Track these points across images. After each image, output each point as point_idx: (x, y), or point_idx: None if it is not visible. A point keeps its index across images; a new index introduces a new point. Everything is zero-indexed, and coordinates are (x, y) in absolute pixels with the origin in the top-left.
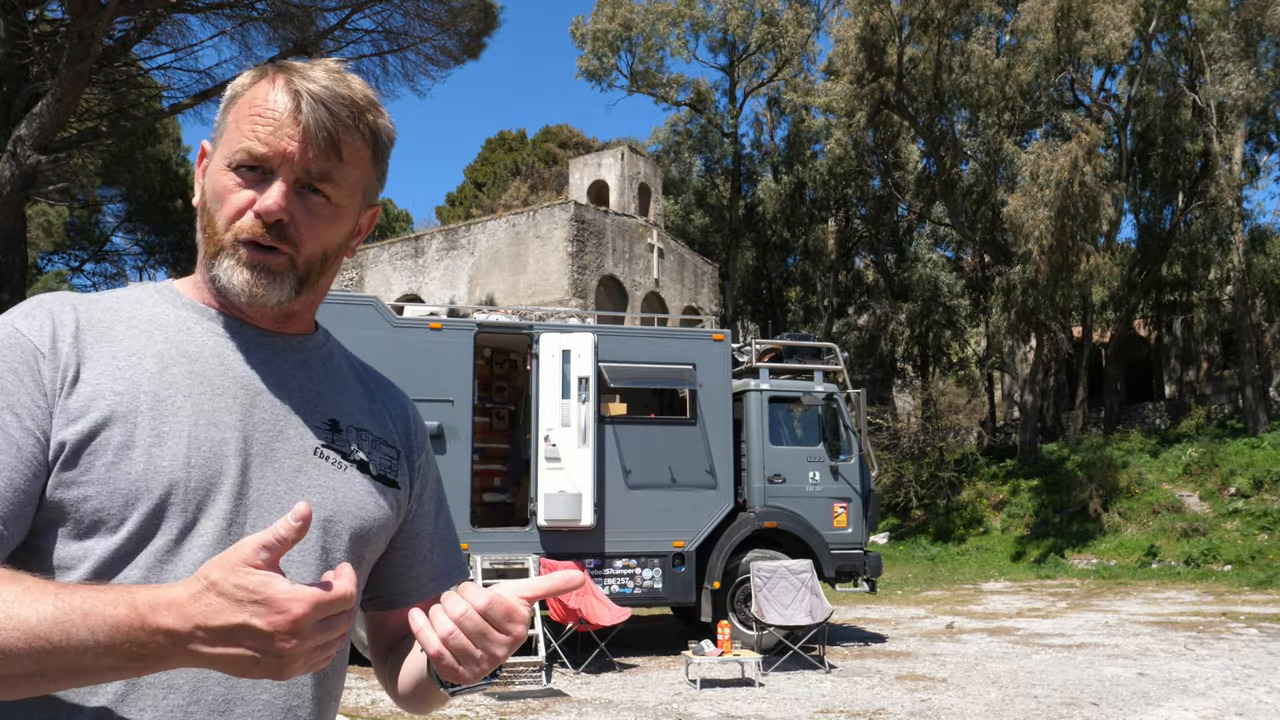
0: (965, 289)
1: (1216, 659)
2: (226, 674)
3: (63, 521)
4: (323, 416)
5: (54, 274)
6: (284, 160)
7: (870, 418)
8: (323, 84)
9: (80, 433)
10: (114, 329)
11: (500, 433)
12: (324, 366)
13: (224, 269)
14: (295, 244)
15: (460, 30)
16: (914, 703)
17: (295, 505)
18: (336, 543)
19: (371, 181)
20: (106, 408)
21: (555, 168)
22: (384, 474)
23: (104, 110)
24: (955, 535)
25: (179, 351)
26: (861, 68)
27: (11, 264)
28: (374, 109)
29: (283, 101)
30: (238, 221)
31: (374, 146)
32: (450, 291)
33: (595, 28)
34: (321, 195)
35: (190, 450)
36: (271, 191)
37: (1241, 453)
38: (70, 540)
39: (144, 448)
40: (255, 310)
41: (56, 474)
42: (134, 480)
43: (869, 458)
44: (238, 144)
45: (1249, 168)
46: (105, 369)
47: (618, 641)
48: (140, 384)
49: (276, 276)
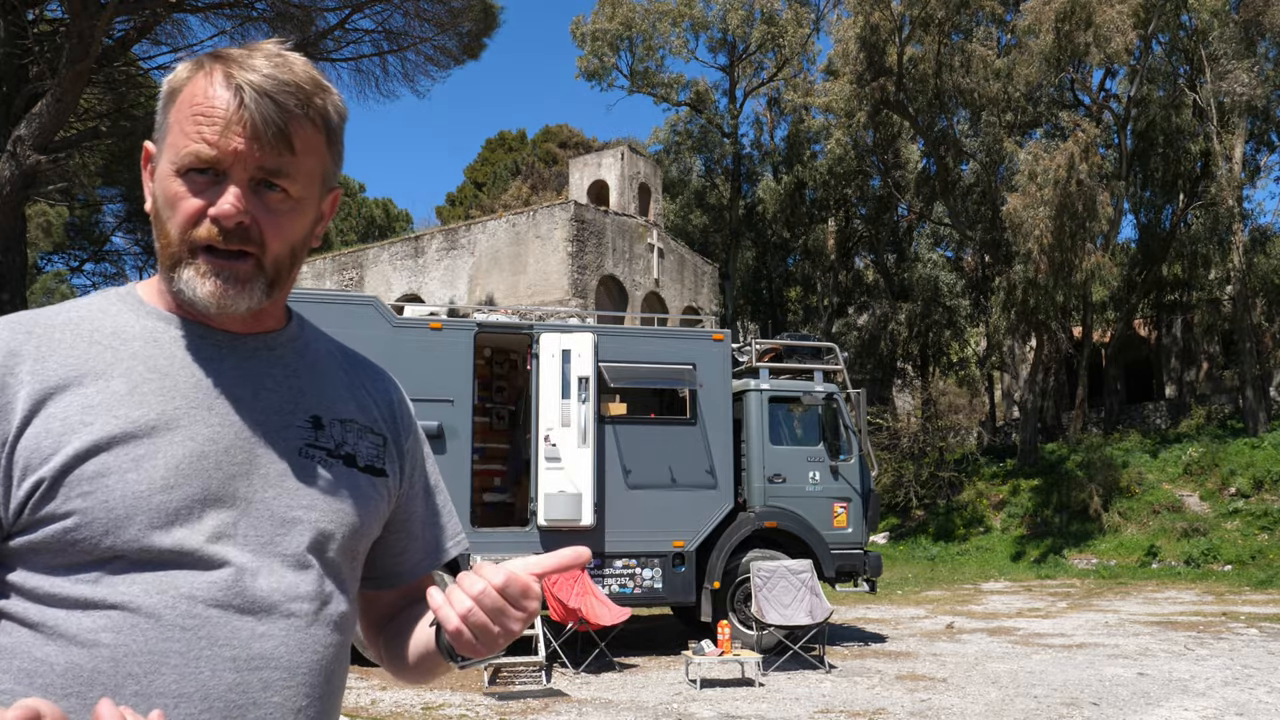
0: (965, 289)
1: (1216, 659)
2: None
3: (49, 554)
4: (304, 414)
5: (53, 274)
6: (235, 160)
7: (870, 418)
8: (264, 73)
9: (56, 468)
10: (76, 349)
11: (500, 433)
12: (300, 360)
13: (186, 280)
14: (261, 244)
15: (460, 30)
16: (914, 703)
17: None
18: (330, 543)
19: (329, 166)
20: (81, 439)
21: (555, 168)
22: (371, 464)
23: (104, 110)
24: (955, 535)
25: (148, 368)
26: (861, 68)
27: (11, 264)
28: (321, 91)
29: (224, 97)
30: (193, 230)
31: (327, 131)
32: (450, 291)
33: (595, 27)
34: (279, 190)
35: (168, 471)
36: (226, 195)
37: (1241, 453)
38: (59, 571)
39: (121, 473)
40: (223, 317)
41: (32, 510)
42: (112, 507)
43: (869, 458)
44: (183, 147)
45: (1249, 168)
46: (72, 399)
47: (618, 641)
48: (111, 409)
49: (245, 283)
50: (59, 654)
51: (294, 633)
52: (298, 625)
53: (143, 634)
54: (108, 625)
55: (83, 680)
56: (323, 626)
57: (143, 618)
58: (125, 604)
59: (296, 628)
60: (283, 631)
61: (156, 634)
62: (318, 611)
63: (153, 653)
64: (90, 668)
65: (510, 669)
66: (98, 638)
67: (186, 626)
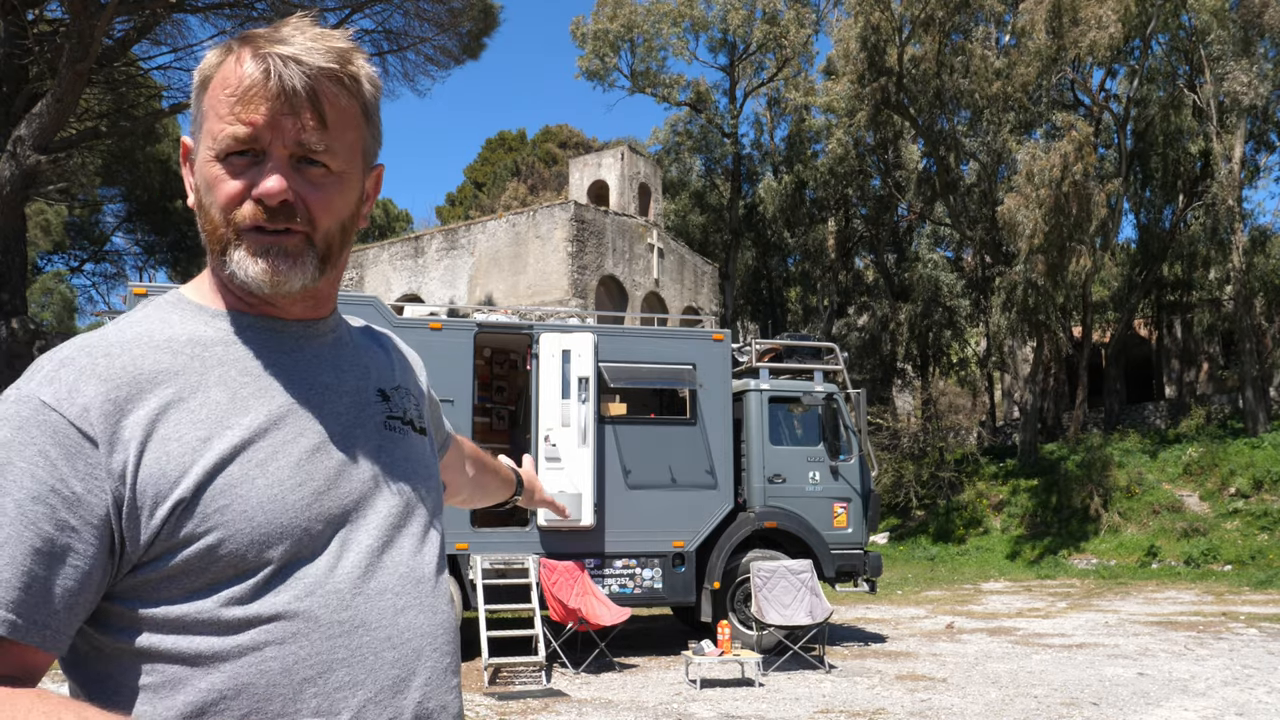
0: (965, 289)
1: (1216, 659)
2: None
3: (188, 578)
4: (373, 389)
5: (53, 274)
6: (273, 136)
7: (870, 418)
8: (291, 41)
9: (189, 489)
10: (161, 364)
11: (500, 433)
12: (351, 340)
13: (237, 262)
14: (310, 221)
15: (460, 30)
16: (914, 703)
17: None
18: (421, 506)
19: (368, 141)
20: (206, 458)
21: (555, 168)
22: (423, 426)
23: (104, 110)
24: (955, 535)
25: (239, 371)
26: (862, 68)
27: (11, 264)
28: (353, 56)
29: (254, 72)
30: (236, 210)
31: (362, 101)
32: (450, 291)
33: (596, 27)
34: (320, 165)
35: (294, 467)
36: (268, 173)
37: (1241, 453)
38: (201, 594)
39: (251, 481)
40: (282, 299)
41: (168, 540)
42: (252, 515)
43: (869, 458)
44: (219, 131)
45: (1249, 168)
46: (185, 420)
47: (618, 641)
48: (222, 420)
49: (296, 259)
50: (227, 680)
51: (424, 599)
52: (425, 592)
53: (307, 640)
54: (270, 639)
55: (259, 697)
56: (442, 586)
57: (302, 623)
58: (282, 614)
59: (424, 594)
60: (417, 601)
61: (319, 635)
62: (437, 575)
63: (320, 654)
64: (265, 684)
65: (510, 669)
66: (263, 654)
67: (343, 620)
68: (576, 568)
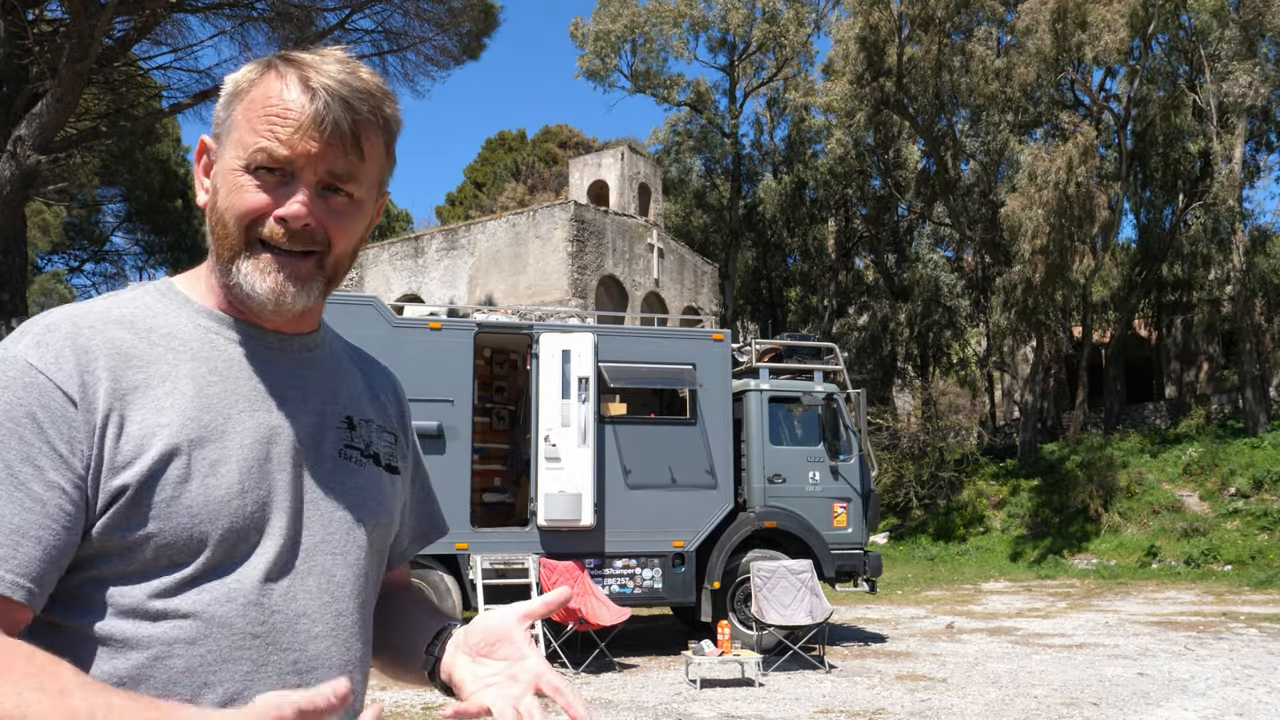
0: (965, 289)
1: (1216, 659)
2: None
3: (119, 560)
4: (340, 415)
5: (52, 274)
6: (306, 163)
7: (870, 418)
8: (339, 78)
9: (140, 473)
10: (138, 350)
11: (500, 433)
12: (332, 361)
13: (245, 274)
14: (326, 244)
15: (460, 30)
16: (914, 703)
17: (336, 682)
18: (364, 540)
19: (386, 172)
20: (160, 444)
21: (555, 168)
22: (390, 463)
23: (104, 110)
24: (955, 535)
25: (209, 369)
26: (861, 68)
27: (11, 264)
28: (389, 100)
29: (301, 100)
30: (257, 227)
31: (388, 138)
32: (450, 291)
33: (597, 28)
34: (344, 194)
35: (242, 473)
36: (296, 197)
37: (1241, 453)
38: (130, 579)
39: (200, 478)
40: (278, 315)
41: (112, 516)
42: (195, 512)
43: (869, 458)
44: (254, 144)
45: (1249, 168)
46: (148, 404)
47: (618, 641)
48: (184, 411)
49: (305, 282)
50: (132, 668)
51: (341, 632)
52: (344, 625)
53: (215, 644)
54: (181, 636)
55: (158, 691)
56: (364, 622)
57: (216, 627)
58: (199, 614)
59: (344, 627)
60: (332, 632)
61: (228, 643)
62: (362, 609)
63: (225, 661)
64: (165, 679)
65: None
66: (171, 649)
67: (255, 634)
68: (576, 568)
